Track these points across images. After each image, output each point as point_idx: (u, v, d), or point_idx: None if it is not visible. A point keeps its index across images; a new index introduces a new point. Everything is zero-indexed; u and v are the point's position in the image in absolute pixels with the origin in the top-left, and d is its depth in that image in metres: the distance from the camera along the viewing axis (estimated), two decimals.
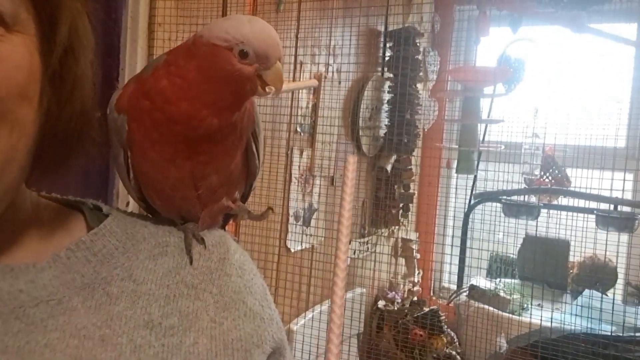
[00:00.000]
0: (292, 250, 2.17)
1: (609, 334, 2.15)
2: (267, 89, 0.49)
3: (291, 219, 2.16)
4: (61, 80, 0.42)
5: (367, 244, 2.76)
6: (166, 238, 0.51)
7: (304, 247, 2.23)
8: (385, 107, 2.76)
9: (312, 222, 2.31)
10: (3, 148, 0.38)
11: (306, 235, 2.26)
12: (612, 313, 2.18)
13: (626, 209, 2.39)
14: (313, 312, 2.23)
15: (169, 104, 0.47)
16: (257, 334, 0.50)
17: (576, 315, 2.32)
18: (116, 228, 0.49)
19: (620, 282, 2.67)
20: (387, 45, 2.73)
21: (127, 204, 1.30)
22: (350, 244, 2.60)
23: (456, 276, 2.90)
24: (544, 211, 2.63)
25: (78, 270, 0.44)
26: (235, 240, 0.57)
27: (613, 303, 2.31)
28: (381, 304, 2.83)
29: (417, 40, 2.73)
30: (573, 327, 2.21)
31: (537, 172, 2.81)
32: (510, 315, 2.47)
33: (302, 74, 2.09)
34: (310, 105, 2.23)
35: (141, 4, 1.36)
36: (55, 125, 0.43)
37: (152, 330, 0.44)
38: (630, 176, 2.42)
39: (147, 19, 1.38)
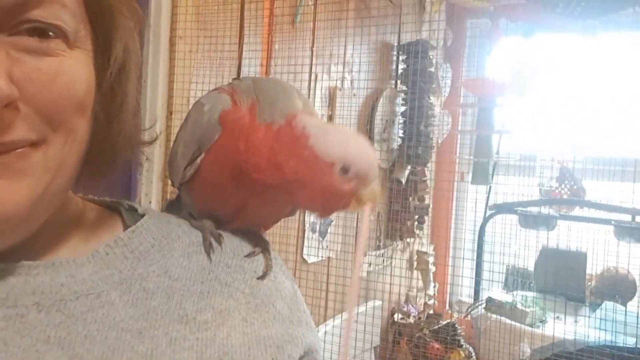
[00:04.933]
0: (309, 262, 2.17)
1: (631, 346, 2.11)
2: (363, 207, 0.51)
3: (307, 231, 2.17)
4: (113, 94, 0.45)
5: (382, 256, 2.75)
6: (199, 237, 0.52)
7: (320, 259, 2.23)
8: (400, 119, 2.77)
9: (328, 234, 2.31)
10: (57, 155, 0.40)
11: (322, 247, 2.26)
12: (638, 325, 2.14)
13: None
14: (333, 323, 2.22)
15: (258, 172, 0.50)
16: (288, 333, 0.50)
17: (596, 328, 2.29)
18: (152, 227, 0.50)
19: None
20: (400, 58, 2.75)
21: None
22: (365, 256, 2.60)
23: (472, 289, 2.87)
24: (560, 222, 2.61)
25: (116, 266, 0.46)
26: None
27: (638, 315, 2.27)
28: (397, 317, 2.81)
29: (430, 53, 2.75)
30: (593, 340, 2.18)
31: (552, 183, 2.80)
32: (529, 328, 2.44)
33: (316, 86, 2.12)
34: (325, 118, 2.24)
35: (162, 18, 1.39)
36: (105, 136, 0.45)
37: (187, 324, 0.45)
38: None
39: (168, 32, 1.41)
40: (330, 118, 2.26)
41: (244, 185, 0.52)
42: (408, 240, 2.93)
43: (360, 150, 0.49)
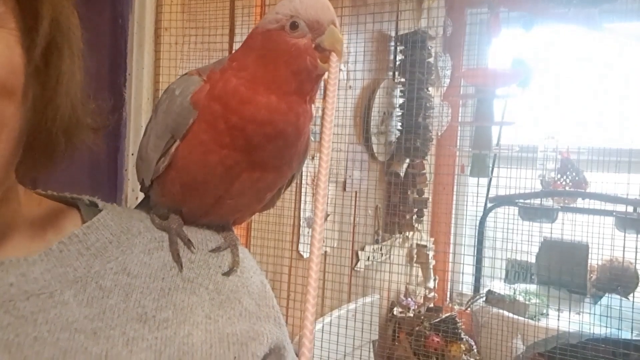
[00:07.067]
0: (305, 257, 2.16)
1: (630, 338, 2.09)
2: (329, 58, 0.47)
3: (303, 225, 2.15)
4: (45, 74, 0.41)
5: (381, 250, 2.73)
6: (162, 233, 0.51)
7: None
8: (397, 111, 2.74)
9: (324, 230, 2.29)
10: None
11: None
12: (633, 317, 2.12)
13: None
14: (329, 319, 2.22)
15: (243, 104, 0.47)
16: (253, 329, 0.49)
17: (598, 315, 2.27)
18: (110, 222, 0.49)
19: None
20: (398, 48, 2.72)
21: None
22: (364, 249, 2.58)
23: (472, 282, 2.86)
24: (561, 214, 2.58)
25: (70, 264, 0.44)
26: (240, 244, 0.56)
27: (633, 307, 2.25)
28: (397, 310, 2.80)
29: (429, 44, 2.71)
30: (593, 332, 2.16)
31: (553, 174, 2.77)
32: (529, 320, 2.43)
33: None
34: (321, 110, 2.22)
35: (147, 9, 1.37)
36: (42, 119, 0.42)
37: (146, 323, 0.44)
38: None
39: (153, 24, 1.38)
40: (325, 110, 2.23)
41: (232, 164, 0.49)
42: (407, 233, 2.92)
43: (305, 0, 0.46)
